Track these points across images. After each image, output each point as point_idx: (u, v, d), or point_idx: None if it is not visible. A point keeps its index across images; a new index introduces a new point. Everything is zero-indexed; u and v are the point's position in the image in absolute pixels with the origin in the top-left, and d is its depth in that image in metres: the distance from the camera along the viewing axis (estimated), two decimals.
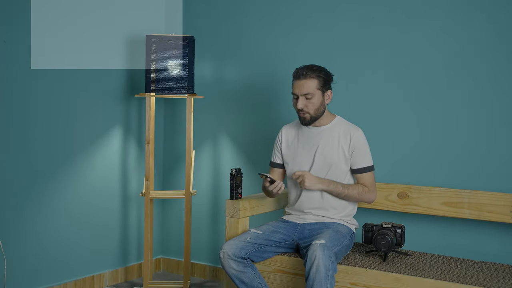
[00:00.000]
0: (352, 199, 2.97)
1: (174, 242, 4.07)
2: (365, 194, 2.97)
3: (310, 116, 2.96)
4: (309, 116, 2.96)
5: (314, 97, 2.92)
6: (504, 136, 3.05)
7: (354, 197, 2.96)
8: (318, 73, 2.93)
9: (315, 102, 2.93)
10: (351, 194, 2.95)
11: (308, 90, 2.91)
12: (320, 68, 2.95)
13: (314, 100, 2.93)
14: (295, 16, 3.60)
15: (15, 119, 3.23)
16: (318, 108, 2.95)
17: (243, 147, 3.81)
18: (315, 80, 2.92)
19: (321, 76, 2.93)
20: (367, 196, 2.97)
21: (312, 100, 2.93)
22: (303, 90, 2.91)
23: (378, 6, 3.34)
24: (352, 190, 2.95)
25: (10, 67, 3.19)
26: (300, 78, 2.92)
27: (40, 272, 3.37)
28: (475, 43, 3.11)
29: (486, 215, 2.99)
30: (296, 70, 2.96)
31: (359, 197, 2.96)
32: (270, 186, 2.93)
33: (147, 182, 3.54)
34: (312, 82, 2.92)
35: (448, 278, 2.63)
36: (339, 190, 2.94)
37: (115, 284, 3.79)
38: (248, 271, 2.82)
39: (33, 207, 3.32)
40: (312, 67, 2.94)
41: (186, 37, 3.50)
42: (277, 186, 2.92)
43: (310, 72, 2.92)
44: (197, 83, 3.82)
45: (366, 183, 2.98)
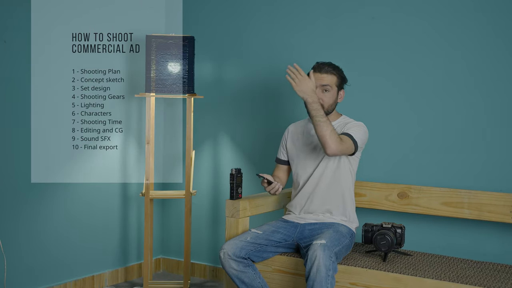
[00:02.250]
0: (322, 129, 2.75)
1: (174, 242, 4.07)
2: (335, 137, 2.76)
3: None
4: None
5: (330, 91, 2.98)
6: (504, 136, 3.05)
7: (326, 130, 2.75)
8: (338, 71, 3.01)
9: (330, 97, 2.98)
10: (326, 125, 2.75)
11: (328, 82, 2.97)
12: (339, 68, 3.03)
13: (330, 94, 2.98)
14: (295, 16, 3.60)
15: (15, 118, 3.23)
16: (331, 104, 2.99)
17: (243, 147, 3.82)
18: (335, 76, 2.99)
19: (340, 74, 3.01)
20: (335, 140, 2.76)
21: (328, 93, 2.97)
22: (323, 81, 2.97)
23: (379, 6, 3.34)
24: (330, 125, 2.77)
25: (10, 67, 3.19)
26: (321, 71, 2.98)
27: (40, 272, 3.37)
28: (475, 43, 3.11)
29: (486, 215, 2.99)
30: (317, 63, 3.01)
31: (329, 134, 2.75)
32: (268, 188, 2.94)
33: (147, 182, 3.54)
34: (332, 77, 2.98)
35: (448, 278, 2.63)
36: (319, 113, 2.77)
37: (115, 284, 3.79)
38: (248, 271, 2.82)
39: (33, 206, 3.32)
40: (333, 64, 3.02)
41: (186, 37, 3.50)
42: (274, 187, 2.94)
43: (331, 68, 2.99)
44: (197, 83, 3.82)
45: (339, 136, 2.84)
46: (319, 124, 2.78)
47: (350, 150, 2.88)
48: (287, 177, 3.21)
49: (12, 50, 3.19)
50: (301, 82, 2.81)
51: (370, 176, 3.33)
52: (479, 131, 3.11)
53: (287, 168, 3.19)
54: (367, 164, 3.32)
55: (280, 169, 3.20)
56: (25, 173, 3.28)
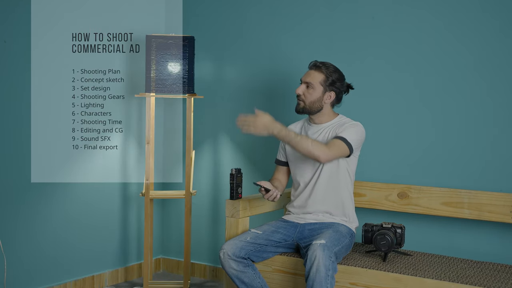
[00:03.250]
0: (302, 147, 2.74)
1: (174, 242, 4.08)
2: (318, 146, 2.75)
3: (303, 105, 3.00)
4: (302, 104, 3.00)
5: (313, 89, 2.96)
6: (504, 136, 3.05)
7: (306, 145, 2.74)
8: (329, 71, 2.96)
9: (312, 94, 2.96)
10: (303, 141, 2.74)
11: (311, 80, 2.96)
12: (335, 69, 2.98)
13: (312, 92, 2.96)
14: (295, 16, 3.60)
15: (15, 118, 3.23)
16: (313, 101, 2.97)
17: (243, 147, 3.81)
18: (322, 75, 2.96)
19: (330, 75, 2.96)
20: (320, 148, 2.74)
21: (310, 91, 2.96)
22: (307, 78, 2.97)
23: (379, 5, 3.34)
24: (306, 139, 2.77)
25: (10, 67, 3.19)
26: (311, 67, 3.00)
27: (40, 272, 3.37)
28: (475, 44, 3.11)
29: (486, 215, 2.99)
30: (314, 60, 3.02)
31: (311, 146, 2.73)
32: (266, 195, 2.91)
33: (147, 182, 3.54)
34: (319, 75, 2.96)
35: (448, 278, 2.63)
36: (291, 136, 2.75)
37: (115, 284, 3.79)
38: (248, 271, 2.82)
39: (33, 206, 3.33)
40: (328, 64, 2.99)
41: (186, 37, 3.50)
42: (272, 195, 2.90)
43: (322, 66, 2.97)
44: (197, 83, 3.82)
45: (329, 142, 2.85)
46: (297, 144, 2.75)
47: (343, 153, 2.87)
48: (287, 178, 3.20)
49: (12, 50, 3.19)
50: (255, 123, 2.72)
51: (370, 176, 3.33)
52: (479, 131, 3.11)
53: (287, 169, 3.18)
54: (367, 164, 3.32)
55: (280, 170, 3.19)
56: (25, 172, 3.28)
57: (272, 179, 3.16)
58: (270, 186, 2.90)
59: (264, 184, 2.89)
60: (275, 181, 3.14)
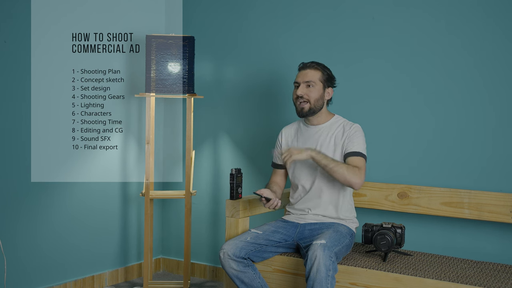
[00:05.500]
0: (339, 174, 2.81)
1: (174, 242, 4.08)
2: (353, 172, 2.81)
3: (309, 106, 2.97)
4: (308, 106, 2.97)
5: (315, 87, 2.97)
6: (504, 136, 3.05)
7: (342, 172, 2.81)
8: (323, 68, 3.01)
9: (315, 92, 2.97)
10: (339, 167, 2.81)
11: (311, 78, 2.97)
12: (325, 66, 3.03)
13: (314, 90, 2.97)
14: (295, 16, 3.60)
15: (15, 118, 3.23)
16: (317, 99, 2.98)
17: (243, 147, 3.82)
18: (319, 72, 2.99)
19: (325, 71, 3.01)
20: (355, 174, 2.81)
21: (312, 89, 2.96)
22: (305, 78, 2.98)
23: (379, 6, 3.34)
24: (341, 164, 2.83)
25: (10, 67, 3.19)
26: (305, 68, 3.01)
27: (40, 272, 3.38)
28: (476, 44, 3.11)
29: (486, 215, 2.99)
30: (302, 62, 3.04)
31: (347, 173, 2.81)
32: (267, 204, 2.89)
33: (147, 182, 3.54)
34: (316, 73, 2.98)
35: (448, 278, 2.63)
36: (328, 160, 2.83)
37: (115, 284, 3.79)
38: (248, 271, 2.82)
39: (33, 206, 3.33)
40: (318, 62, 3.02)
41: (186, 37, 3.50)
42: (273, 203, 2.88)
43: (315, 64, 3.00)
44: (197, 83, 3.82)
45: (353, 163, 2.88)
46: (333, 170, 2.82)
47: (365, 167, 2.90)
48: (285, 180, 3.19)
49: (12, 50, 3.19)
50: (294, 151, 2.82)
51: (370, 176, 3.33)
52: (479, 131, 3.11)
53: (284, 172, 3.17)
54: (367, 164, 3.32)
55: (277, 173, 3.18)
56: (25, 172, 3.28)
57: (270, 183, 3.15)
58: (270, 194, 2.88)
59: (264, 193, 2.88)
60: (273, 184, 3.13)
